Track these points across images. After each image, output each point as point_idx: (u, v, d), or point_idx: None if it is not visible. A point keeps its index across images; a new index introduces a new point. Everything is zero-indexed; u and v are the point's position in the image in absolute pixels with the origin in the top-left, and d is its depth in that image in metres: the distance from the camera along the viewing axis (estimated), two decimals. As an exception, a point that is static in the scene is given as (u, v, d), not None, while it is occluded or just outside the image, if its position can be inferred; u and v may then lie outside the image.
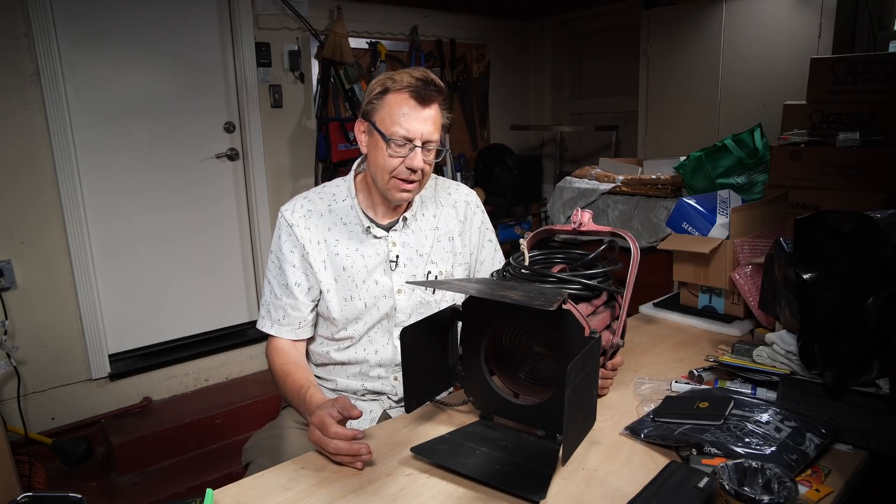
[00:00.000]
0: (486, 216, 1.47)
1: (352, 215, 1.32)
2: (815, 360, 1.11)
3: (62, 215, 2.52)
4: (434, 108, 1.23)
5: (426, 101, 1.21)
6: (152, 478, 2.44)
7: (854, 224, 1.03)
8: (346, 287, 1.30)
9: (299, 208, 1.32)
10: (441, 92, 1.23)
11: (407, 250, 1.33)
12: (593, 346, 0.91)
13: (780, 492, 0.75)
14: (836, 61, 2.10)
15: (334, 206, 1.33)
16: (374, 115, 1.23)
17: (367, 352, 1.34)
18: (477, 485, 0.93)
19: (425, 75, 1.21)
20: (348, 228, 1.31)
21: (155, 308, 2.91)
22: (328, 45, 3.09)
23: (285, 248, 1.31)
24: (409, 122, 1.19)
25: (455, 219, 1.40)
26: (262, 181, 3.11)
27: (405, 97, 1.20)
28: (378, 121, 1.22)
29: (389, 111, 1.20)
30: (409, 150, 1.21)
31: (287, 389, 1.24)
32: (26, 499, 0.79)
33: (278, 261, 1.32)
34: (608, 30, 3.94)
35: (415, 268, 1.34)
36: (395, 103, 1.20)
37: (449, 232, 1.39)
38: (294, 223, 1.30)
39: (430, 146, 1.23)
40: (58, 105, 2.47)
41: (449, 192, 1.43)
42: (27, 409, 2.46)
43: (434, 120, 1.23)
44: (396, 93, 1.20)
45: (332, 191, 1.36)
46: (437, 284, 1.21)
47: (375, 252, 1.31)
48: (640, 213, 2.85)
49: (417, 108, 1.20)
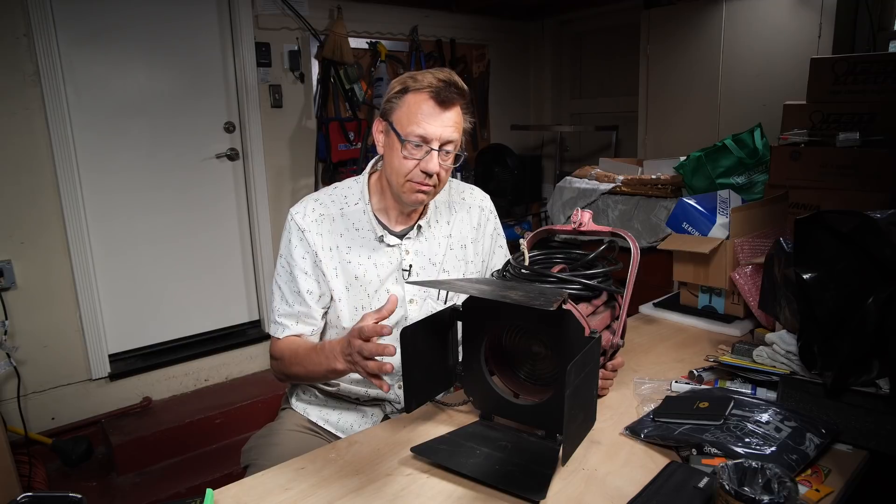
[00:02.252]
0: (498, 222, 1.45)
1: (364, 221, 1.27)
2: (815, 360, 1.11)
3: (62, 215, 2.52)
4: (454, 111, 1.19)
5: (446, 104, 1.17)
6: (152, 478, 2.44)
7: (854, 224, 1.03)
8: (357, 296, 1.27)
9: (311, 212, 1.26)
10: (463, 95, 1.19)
11: (420, 259, 1.30)
12: (593, 346, 0.91)
13: (780, 492, 0.75)
14: (836, 61, 2.10)
15: (346, 209, 1.28)
16: (392, 114, 1.19)
17: None
18: (477, 485, 0.93)
19: (448, 77, 1.17)
20: (360, 234, 1.27)
21: (155, 308, 2.90)
22: (328, 45, 3.09)
23: (296, 254, 1.25)
24: (426, 123, 1.15)
25: (469, 225, 1.37)
26: (262, 181, 3.10)
27: (424, 97, 1.16)
28: (395, 120, 1.18)
29: (408, 111, 1.17)
30: (425, 153, 1.17)
31: (300, 359, 1.20)
32: (26, 499, 0.79)
33: (289, 266, 1.26)
34: (608, 30, 3.94)
35: (427, 276, 1.30)
36: (414, 103, 1.16)
37: (462, 239, 1.36)
38: (306, 228, 1.24)
39: (448, 149, 1.19)
40: (58, 105, 2.47)
41: (463, 196, 1.40)
42: (27, 409, 2.46)
43: (454, 123, 1.18)
44: (416, 93, 1.16)
45: (343, 192, 1.30)
46: (437, 284, 1.20)
47: (388, 260, 1.28)
48: (640, 213, 2.85)
49: (437, 109, 1.16)
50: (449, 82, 1.16)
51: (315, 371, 1.17)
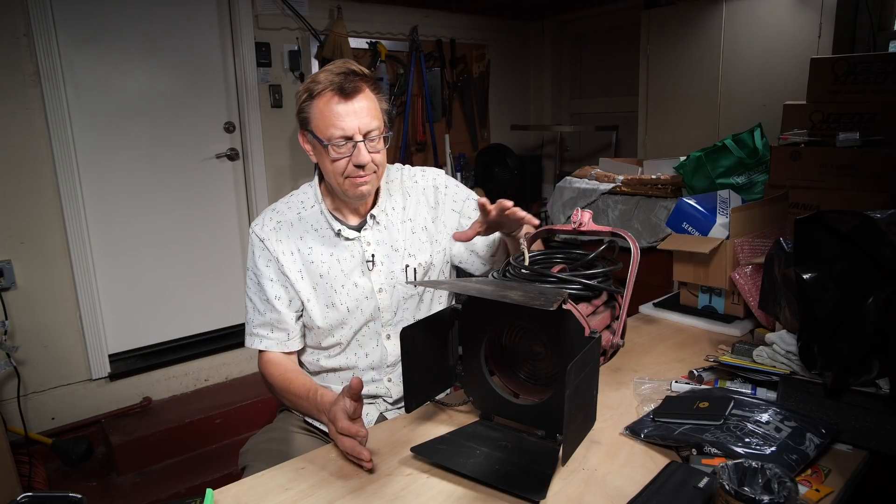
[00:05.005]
0: (459, 190, 1.41)
1: (321, 221, 1.30)
2: (815, 360, 1.11)
3: (62, 215, 2.52)
4: (363, 97, 1.19)
5: (352, 94, 1.17)
6: (152, 478, 2.44)
7: (854, 224, 1.03)
8: (325, 294, 1.29)
9: (268, 221, 1.30)
10: (366, 78, 1.19)
11: (382, 247, 1.31)
12: (593, 346, 0.91)
13: (780, 492, 0.75)
14: (836, 61, 2.10)
15: (303, 213, 1.31)
16: (309, 123, 1.21)
17: (358, 356, 1.34)
18: (477, 485, 0.93)
19: (344, 67, 1.18)
20: (320, 234, 1.30)
21: (155, 308, 2.90)
22: (328, 45, 3.09)
23: (260, 264, 1.29)
24: (341, 120, 1.16)
25: (426, 206, 1.37)
26: (262, 181, 3.10)
27: (329, 96, 1.17)
28: (314, 128, 1.20)
29: (320, 115, 1.18)
30: (353, 147, 1.18)
31: (292, 397, 1.23)
32: (26, 499, 0.79)
33: (256, 277, 1.30)
34: (608, 30, 3.94)
35: (392, 264, 1.32)
36: (324, 105, 1.17)
37: (422, 222, 1.36)
38: (265, 237, 1.28)
39: (373, 135, 1.20)
40: (58, 105, 2.47)
41: (415, 179, 1.39)
42: (27, 409, 2.46)
43: (367, 109, 1.19)
44: (320, 96, 1.17)
45: (300, 198, 1.34)
46: (437, 284, 1.21)
47: (350, 255, 1.30)
48: (640, 213, 2.85)
49: (345, 102, 1.17)
50: (346, 72, 1.17)
51: (304, 413, 1.28)
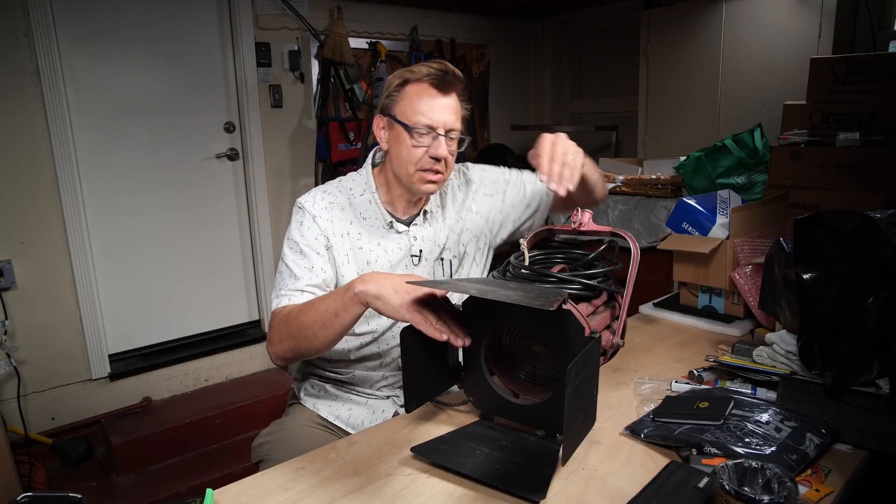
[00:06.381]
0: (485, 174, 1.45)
1: (371, 210, 1.29)
2: (815, 360, 1.11)
3: (62, 215, 2.52)
4: (454, 96, 1.23)
5: (446, 90, 1.20)
6: (152, 478, 2.44)
7: (854, 224, 1.03)
8: None
9: (320, 200, 1.27)
10: (461, 81, 1.23)
11: (427, 243, 1.33)
12: (593, 346, 0.91)
13: (780, 492, 0.75)
14: (836, 61, 2.10)
15: (353, 200, 1.30)
16: (393, 107, 1.22)
17: (391, 346, 1.32)
18: (477, 485, 0.93)
19: (443, 65, 1.21)
20: (368, 223, 1.29)
21: (155, 308, 2.90)
22: (328, 45, 3.09)
23: (309, 235, 1.23)
24: (430, 110, 1.19)
25: (461, 202, 1.40)
26: (262, 181, 3.10)
27: (425, 86, 1.20)
28: (398, 112, 1.21)
29: (410, 101, 1.20)
30: (433, 139, 1.20)
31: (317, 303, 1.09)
32: (26, 499, 0.79)
33: (298, 246, 1.22)
34: (608, 30, 3.94)
35: (434, 258, 1.34)
36: (416, 93, 1.20)
37: (456, 216, 1.38)
38: (317, 214, 1.25)
39: (453, 135, 1.22)
40: (58, 105, 2.47)
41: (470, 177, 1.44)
42: (27, 409, 2.46)
43: (455, 109, 1.22)
44: (416, 83, 1.20)
45: (348, 185, 1.33)
46: (437, 284, 1.20)
47: (398, 247, 1.30)
48: (640, 213, 2.85)
49: (438, 96, 1.20)
50: (446, 70, 1.20)
51: (325, 311, 1.05)
